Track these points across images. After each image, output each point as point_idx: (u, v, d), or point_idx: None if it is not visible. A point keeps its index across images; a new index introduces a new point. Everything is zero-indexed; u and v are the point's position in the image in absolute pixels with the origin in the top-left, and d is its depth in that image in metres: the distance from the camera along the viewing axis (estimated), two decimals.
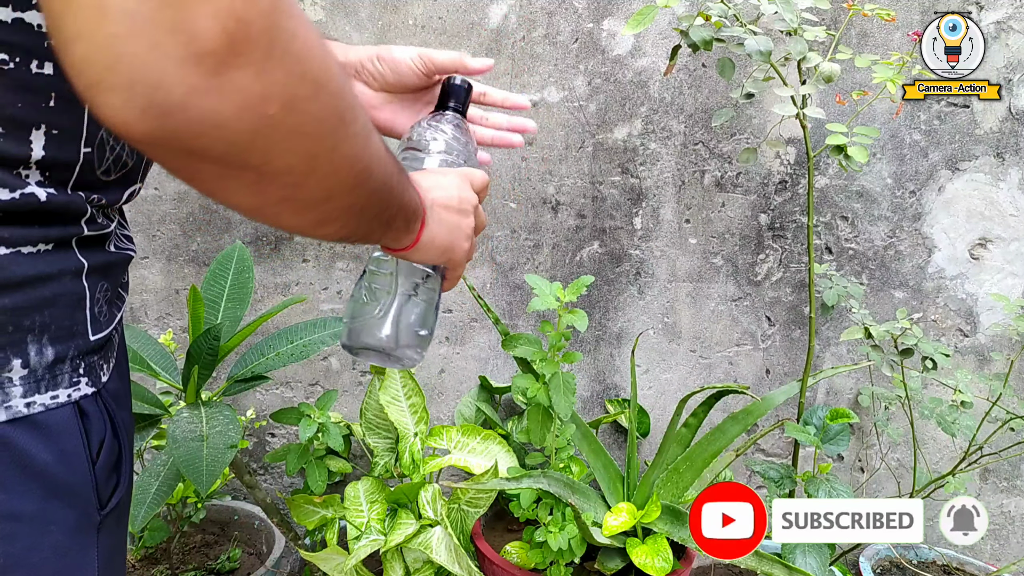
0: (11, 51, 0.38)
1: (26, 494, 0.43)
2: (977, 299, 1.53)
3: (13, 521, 0.43)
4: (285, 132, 0.32)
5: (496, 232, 1.49)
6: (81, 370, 0.47)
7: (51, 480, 0.44)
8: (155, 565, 1.33)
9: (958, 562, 1.51)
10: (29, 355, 0.43)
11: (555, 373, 1.17)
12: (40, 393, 0.44)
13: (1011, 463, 1.58)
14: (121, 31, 0.26)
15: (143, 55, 0.26)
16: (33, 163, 0.40)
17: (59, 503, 0.45)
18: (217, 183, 0.34)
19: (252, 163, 0.32)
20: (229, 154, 0.31)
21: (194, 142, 0.30)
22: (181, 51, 0.27)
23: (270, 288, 1.49)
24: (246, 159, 0.32)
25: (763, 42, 1.13)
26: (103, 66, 0.27)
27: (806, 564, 1.21)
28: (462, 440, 1.29)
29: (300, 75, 0.31)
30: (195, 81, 0.27)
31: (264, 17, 0.28)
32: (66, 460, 0.45)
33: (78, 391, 0.46)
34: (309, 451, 1.31)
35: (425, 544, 1.14)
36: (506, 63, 1.42)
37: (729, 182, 1.49)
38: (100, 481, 0.48)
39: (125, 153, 0.47)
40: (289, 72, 0.30)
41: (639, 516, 1.17)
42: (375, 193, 0.42)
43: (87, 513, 0.48)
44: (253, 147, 0.31)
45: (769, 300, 1.54)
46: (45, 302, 0.44)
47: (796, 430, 1.26)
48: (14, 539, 0.43)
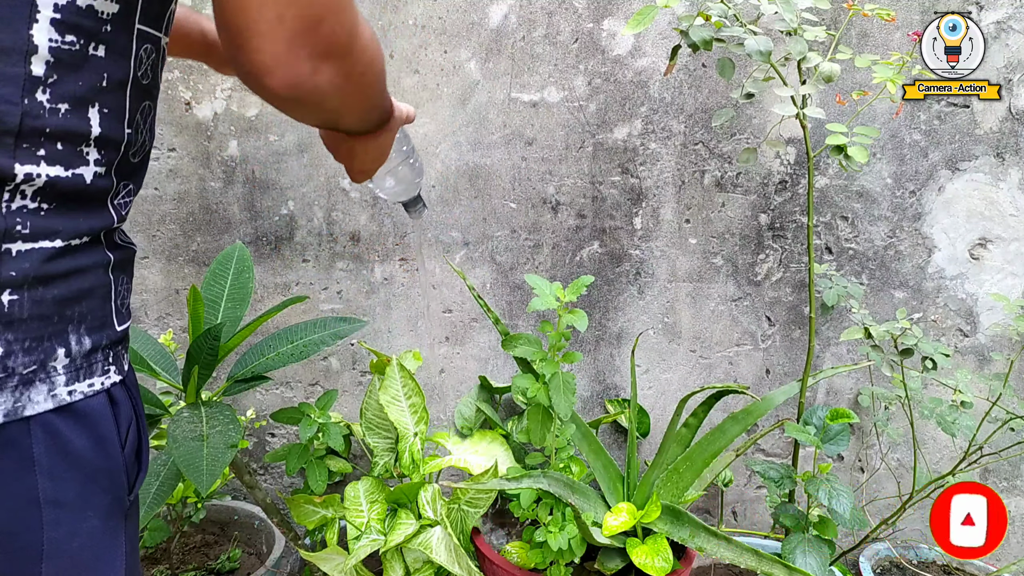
0: (79, 34, 0.43)
1: (69, 481, 0.45)
2: (977, 299, 1.53)
3: (57, 508, 0.45)
4: (353, 88, 0.52)
5: (496, 232, 1.49)
6: (110, 359, 0.49)
7: (89, 466, 0.46)
8: (155, 565, 1.33)
9: (958, 562, 1.51)
10: (71, 344, 0.45)
11: (555, 373, 1.17)
12: (79, 381, 0.46)
13: (1011, 463, 1.58)
14: (281, 48, 0.45)
15: (289, 60, 0.46)
16: (92, 139, 0.45)
17: (96, 488, 0.47)
18: (313, 116, 0.55)
19: (331, 107, 0.53)
20: (323, 103, 0.51)
21: (307, 97, 0.49)
22: (305, 55, 0.46)
23: (270, 288, 1.49)
24: (332, 105, 0.53)
25: (763, 42, 1.13)
26: (270, 66, 0.46)
27: (806, 564, 1.21)
28: (460, 442, 1.29)
29: (364, 62, 0.52)
30: (307, 68, 0.47)
31: (347, 34, 0.48)
32: (102, 446, 0.47)
33: (109, 379, 0.49)
34: (309, 451, 1.31)
35: (425, 544, 1.14)
36: (506, 63, 1.42)
37: (729, 182, 1.49)
38: (129, 466, 0.51)
39: (147, 137, 0.53)
40: (356, 61, 0.50)
41: (639, 516, 1.17)
42: (385, 98, 0.63)
43: (119, 498, 0.50)
44: (333, 99, 0.51)
45: (769, 300, 1.54)
46: (83, 293, 0.46)
47: (796, 430, 1.26)
48: (58, 525, 0.45)
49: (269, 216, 1.45)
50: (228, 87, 1.39)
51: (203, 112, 1.40)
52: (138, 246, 1.42)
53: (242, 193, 1.44)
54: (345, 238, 1.47)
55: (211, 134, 1.41)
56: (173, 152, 1.42)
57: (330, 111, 0.54)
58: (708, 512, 1.63)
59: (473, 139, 1.45)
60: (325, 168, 1.44)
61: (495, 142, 1.45)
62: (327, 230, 1.47)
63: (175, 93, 1.39)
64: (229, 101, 1.40)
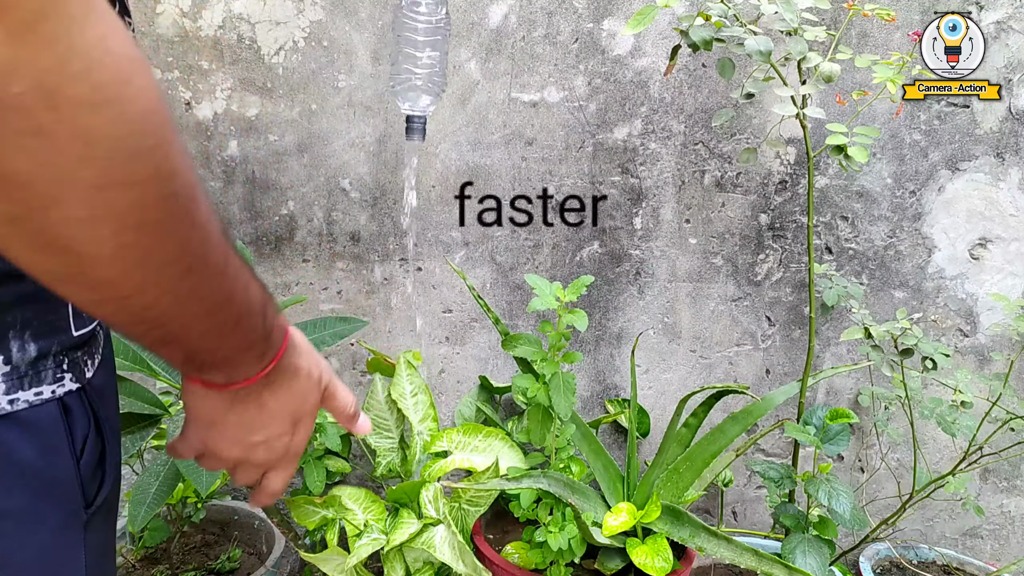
0: None
1: (13, 491, 0.43)
2: (977, 299, 1.53)
3: (2, 519, 0.42)
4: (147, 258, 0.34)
5: (496, 232, 1.49)
6: (65, 366, 0.46)
7: (37, 477, 0.44)
8: (155, 565, 1.33)
9: (958, 562, 1.51)
10: (11, 352, 0.42)
11: (555, 373, 1.17)
12: (23, 390, 0.43)
13: (1011, 463, 1.58)
14: None
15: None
16: None
17: (46, 500, 0.45)
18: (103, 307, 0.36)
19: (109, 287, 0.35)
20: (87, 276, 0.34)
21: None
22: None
23: (270, 288, 1.49)
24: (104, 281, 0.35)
25: (763, 42, 1.13)
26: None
27: (806, 564, 1.21)
28: (463, 440, 1.29)
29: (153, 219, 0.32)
30: None
31: (90, 220, 0.30)
32: (51, 457, 0.44)
33: (62, 387, 0.46)
34: (308, 451, 1.31)
35: (428, 543, 1.14)
36: (506, 63, 1.42)
37: (729, 182, 1.49)
38: (85, 478, 0.48)
39: None
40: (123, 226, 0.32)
41: (639, 516, 1.17)
42: (238, 291, 0.42)
43: (74, 511, 0.47)
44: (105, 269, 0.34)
45: (769, 300, 1.54)
46: (27, 298, 0.43)
47: (796, 430, 1.26)
48: (2, 536, 0.42)
49: (269, 216, 1.45)
50: (228, 87, 1.39)
51: (203, 112, 1.40)
52: None
53: (242, 193, 1.44)
54: (345, 238, 1.47)
55: (211, 134, 1.41)
56: None
57: (114, 297, 0.34)
58: (708, 512, 1.63)
59: (473, 139, 1.45)
60: (325, 168, 1.44)
61: (495, 142, 1.45)
62: (327, 230, 1.47)
63: (175, 93, 1.39)
64: (229, 101, 1.40)
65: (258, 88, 1.38)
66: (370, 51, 1.38)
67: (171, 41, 1.34)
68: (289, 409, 0.49)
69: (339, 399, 0.55)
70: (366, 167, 1.43)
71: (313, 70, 1.38)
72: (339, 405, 0.55)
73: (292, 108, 1.39)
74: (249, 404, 0.47)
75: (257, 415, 0.47)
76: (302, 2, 1.35)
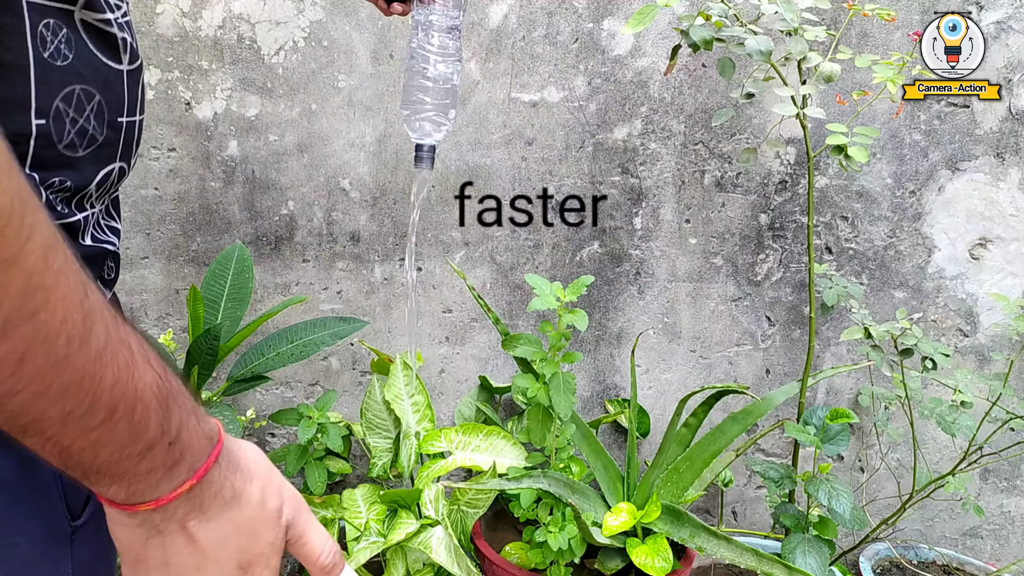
0: None
1: None
2: (977, 299, 1.53)
3: None
4: None
5: (496, 232, 1.49)
6: None
7: (14, 489, 0.42)
8: None
9: (958, 562, 1.51)
10: None
11: (555, 373, 1.17)
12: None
13: (1011, 463, 1.58)
14: None
15: None
16: None
17: (24, 514, 0.42)
18: None
19: None
20: None
21: None
22: None
23: (270, 288, 1.49)
24: None
25: (763, 42, 1.13)
26: None
27: (806, 564, 1.21)
28: (463, 439, 1.29)
29: None
30: None
31: None
32: (28, 469, 0.42)
33: None
34: (308, 452, 1.31)
35: (425, 544, 1.14)
36: (506, 63, 1.42)
37: (729, 182, 1.49)
38: (68, 490, 0.45)
39: (92, 127, 0.44)
40: None
41: (639, 516, 1.17)
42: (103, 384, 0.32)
43: (56, 524, 0.44)
44: None
45: (769, 300, 1.54)
46: None
47: (796, 430, 1.26)
48: None
49: (269, 216, 1.45)
50: (228, 87, 1.39)
51: (203, 112, 1.40)
52: (138, 246, 1.42)
53: (242, 193, 1.44)
54: (345, 238, 1.47)
55: (211, 134, 1.41)
56: (173, 152, 1.42)
57: None
58: (708, 512, 1.63)
59: (473, 139, 1.44)
60: (325, 168, 1.44)
61: (495, 142, 1.45)
62: (327, 230, 1.47)
63: (175, 93, 1.38)
64: (229, 101, 1.40)
65: (258, 88, 1.38)
66: (370, 51, 1.38)
67: (171, 41, 1.34)
68: (231, 548, 0.37)
69: (310, 543, 0.42)
70: (366, 167, 1.43)
71: (313, 70, 1.38)
72: (309, 551, 0.42)
73: (292, 108, 1.39)
74: (172, 538, 0.36)
75: (187, 554, 0.36)
76: (302, 2, 1.35)
